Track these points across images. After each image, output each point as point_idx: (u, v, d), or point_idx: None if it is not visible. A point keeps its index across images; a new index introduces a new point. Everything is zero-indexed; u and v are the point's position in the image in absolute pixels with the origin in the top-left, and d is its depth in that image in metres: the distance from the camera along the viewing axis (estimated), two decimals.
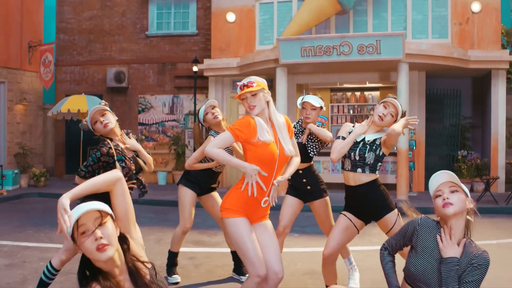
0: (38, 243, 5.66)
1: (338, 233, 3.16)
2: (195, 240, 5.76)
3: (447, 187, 2.14)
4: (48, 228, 6.63)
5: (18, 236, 6.06)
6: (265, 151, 2.56)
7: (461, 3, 10.06)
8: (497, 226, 6.70)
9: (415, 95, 10.17)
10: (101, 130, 3.25)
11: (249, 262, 2.57)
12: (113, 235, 1.80)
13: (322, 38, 8.81)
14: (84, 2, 13.47)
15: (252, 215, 2.65)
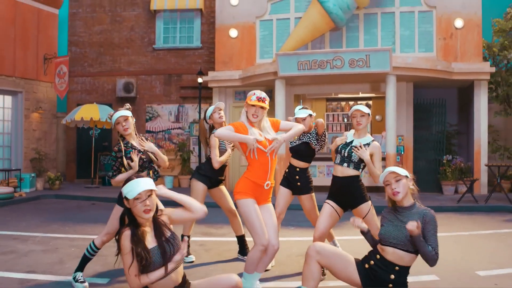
0: (65, 234, 6.40)
1: (324, 219, 3.94)
2: (204, 232, 6.54)
3: (393, 177, 2.93)
4: (71, 223, 7.38)
5: (46, 229, 6.82)
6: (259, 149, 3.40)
7: (445, 19, 10.91)
8: (474, 221, 7.47)
9: (403, 104, 10.97)
10: (121, 131, 4.03)
11: (255, 234, 3.37)
12: (154, 205, 2.65)
13: (316, 53, 9.65)
14: (95, 17, 14.31)
15: (258, 197, 3.47)
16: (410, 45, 10.97)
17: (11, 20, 11.87)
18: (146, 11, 13.95)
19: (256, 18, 11.58)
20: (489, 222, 7.43)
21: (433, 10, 10.95)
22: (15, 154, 12.07)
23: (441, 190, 10.84)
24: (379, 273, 2.87)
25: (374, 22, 11.09)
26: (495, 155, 11.60)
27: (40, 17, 12.77)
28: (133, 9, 14.13)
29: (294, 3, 11.39)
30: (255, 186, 3.43)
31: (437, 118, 11.62)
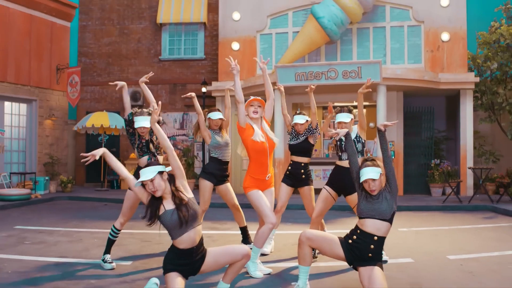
0: (86, 229, 7.11)
1: (320, 202, 4.71)
2: (211, 227, 7.26)
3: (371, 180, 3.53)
4: (89, 219, 8.09)
5: (67, 225, 7.53)
6: (260, 146, 4.22)
7: (433, 33, 11.70)
8: (455, 218, 8.19)
9: (394, 112, 11.72)
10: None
11: (265, 215, 4.15)
12: (160, 185, 3.29)
13: (312, 65, 10.43)
14: (104, 29, 15.12)
15: (261, 187, 4.26)
16: (400, 57, 11.74)
17: (27, 33, 12.63)
18: (152, 24, 14.75)
19: (257, 32, 12.41)
20: (469, 219, 8.15)
21: (421, 24, 11.73)
22: (29, 158, 12.78)
23: (430, 192, 11.55)
24: (360, 244, 3.44)
25: (366, 36, 11.88)
26: (481, 159, 12.31)
27: (53, 30, 13.52)
28: (140, 22, 14.93)
29: (292, 18, 12.23)
30: (258, 181, 4.22)
31: (426, 125, 12.35)
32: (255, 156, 4.28)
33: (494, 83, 11.84)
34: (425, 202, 10.09)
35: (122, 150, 14.79)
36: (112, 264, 4.67)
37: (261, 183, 4.30)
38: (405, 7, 11.80)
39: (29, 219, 8.15)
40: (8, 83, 12.09)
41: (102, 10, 15.15)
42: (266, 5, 12.35)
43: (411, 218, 8.32)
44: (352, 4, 10.97)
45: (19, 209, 9.67)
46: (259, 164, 4.21)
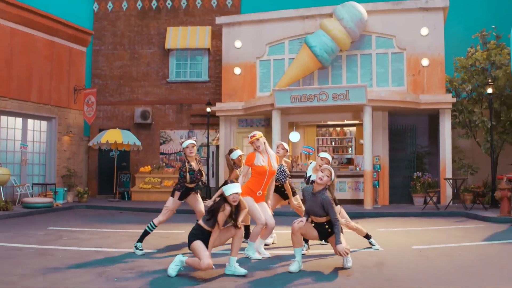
0: (110, 229, 8.28)
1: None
2: None
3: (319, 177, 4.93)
4: (110, 223, 9.27)
5: (93, 226, 8.69)
6: (260, 169, 5.50)
7: (414, 59, 13.00)
8: (429, 222, 9.35)
9: (380, 130, 12.99)
10: (187, 153, 5.99)
11: (256, 217, 5.40)
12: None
13: (306, 89, 11.76)
14: (116, 53, 16.44)
15: (254, 199, 5.56)
16: (385, 81, 13.07)
17: (48, 57, 13.95)
18: (161, 49, 16.10)
19: (256, 58, 13.81)
20: (442, 222, 9.33)
21: (403, 51, 13.06)
22: (49, 171, 13.98)
23: (413, 202, 12.74)
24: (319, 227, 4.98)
25: (354, 62, 13.25)
26: (460, 172, 13.51)
27: (71, 54, 14.82)
28: (149, 48, 16.29)
29: (288, 47, 13.63)
30: (251, 191, 5.58)
31: (410, 141, 13.61)
32: (256, 175, 5.56)
33: (470, 103, 13.12)
34: (407, 209, 11.27)
35: (132, 164, 16.00)
36: (143, 251, 5.88)
37: (254, 196, 5.58)
38: (389, 36, 13.13)
39: (58, 222, 9.32)
40: (31, 103, 13.35)
41: (114, 36, 16.48)
42: (265, 35, 13.74)
43: (391, 222, 9.50)
44: (341, 34, 12.35)
45: (45, 215, 10.84)
46: (257, 181, 5.55)
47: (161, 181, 14.93)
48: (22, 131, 13.28)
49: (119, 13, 16.53)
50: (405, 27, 12.94)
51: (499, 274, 4.68)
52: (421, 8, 12.87)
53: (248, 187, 5.54)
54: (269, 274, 4.77)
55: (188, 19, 16.17)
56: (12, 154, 12.95)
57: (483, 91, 12.61)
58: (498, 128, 12.73)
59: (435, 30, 12.91)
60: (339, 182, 12.77)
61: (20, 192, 12.23)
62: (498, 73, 12.36)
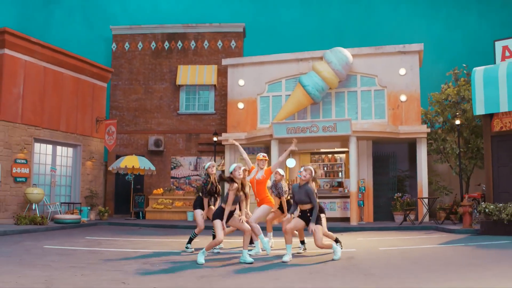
0: (138, 239, 9.94)
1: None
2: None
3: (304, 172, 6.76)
4: (134, 235, 10.95)
5: (122, 237, 10.35)
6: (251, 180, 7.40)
7: (393, 95, 14.88)
8: (403, 234, 11.00)
9: (365, 156, 14.81)
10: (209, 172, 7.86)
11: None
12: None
13: (299, 122, 13.62)
14: (132, 88, 18.26)
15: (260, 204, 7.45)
16: (369, 114, 14.94)
17: (75, 92, 15.87)
18: (172, 85, 17.94)
19: (257, 95, 15.72)
20: (414, 234, 10.99)
21: (384, 89, 14.96)
22: (74, 192, 15.73)
23: (393, 219, 14.47)
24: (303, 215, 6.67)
25: (342, 98, 15.16)
26: (436, 192, 15.26)
27: (94, 89, 16.67)
28: (162, 83, 18.16)
29: (285, 85, 15.56)
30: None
31: (392, 166, 15.40)
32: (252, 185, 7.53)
33: (444, 132, 14.93)
34: (387, 225, 12.97)
35: (146, 187, 17.75)
36: (192, 249, 7.66)
37: (257, 203, 7.58)
38: (372, 76, 15.05)
39: (91, 234, 10.97)
40: (60, 132, 15.20)
41: (130, 73, 18.35)
42: (265, 74, 15.68)
43: (370, 234, 11.22)
44: (330, 75, 14.32)
45: (75, 229, 12.53)
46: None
47: (172, 202, 16.60)
48: (52, 157, 15.03)
49: (135, 52, 18.46)
50: (386, 68, 14.83)
51: (438, 263, 6.48)
52: (399, 51, 14.82)
53: None
54: (268, 263, 6.57)
55: (196, 59, 18.08)
56: (44, 177, 14.71)
57: (454, 122, 14.38)
58: (468, 154, 14.53)
59: (412, 70, 14.81)
60: (330, 202, 14.51)
61: (51, 210, 13.91)
62: (466, 106, 14.20)
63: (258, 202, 7.61)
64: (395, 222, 14.25)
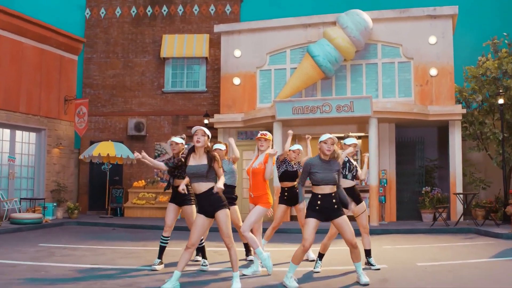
0: (105, 246, 8.58)
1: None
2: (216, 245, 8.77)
3: (329, 142, 5.18)
4: (104, 240, 9.58)
5: (86, 243, 8.98)
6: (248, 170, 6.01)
7: (421, 68, 13.37)
8: (437, 239, 9.67)
9: (386, 142, 13.37)
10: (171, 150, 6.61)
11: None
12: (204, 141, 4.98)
13: (308, 100, 12.20)
14: (108, 62, 16.87)
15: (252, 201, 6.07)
16: (391, 92, 13.47)
17: (38, 66, 14.40)
18: (156, 58, 16.57)
19: (257, 68, 14.31)
20: (450, 239, 9.66)
21: (410, 61, 13.47)
22: (37, 185, 14.32)
23: (421, 218, 13.08)
24: (326, 203, 5.03)
25: (359, 72, 13.71)
26: (471, 186, 13.84)
27: (62, 63, 15.26)
28: (144, 56, 16.74)
29: (290, 56, 14.13)
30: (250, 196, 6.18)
31: (418, 154, 14.01)
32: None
33: (481, 114, 13.50)
34: (414, 226, 11.61)
35: (125, 179, 16.36)
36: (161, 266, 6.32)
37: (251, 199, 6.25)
38: (395, 45, 13.57)
39: (48, 239, 9.61)
40: (20, 113, 13.75)
41: (107, 44, 16.94)
42: (266, 43, 14.25)
43: (397, 239, 9.84)
44: (345, 43, 12.82)
45: (34, 231, 11.15)
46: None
47: (155, 196, 15.27)
48: (9, 143, 13.63)
49: (112, 20, 17.01)
50: (412, 35, 13.40)
51: None
52: (428, 15, 13.33)
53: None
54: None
55: (185, 27, 16.67)
56: (0, 167, 13.28)
57: (495, 102, 12.95)
58: (511, 140, 13.09)
59: (444, 38, 13.35)
60: None
61: (8, 208, 12.52)
62: (510, 82, 12.78)
63: (252, 199, 6.23)
64: (422, 221, 12.93)
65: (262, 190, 6.13)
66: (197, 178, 4.89)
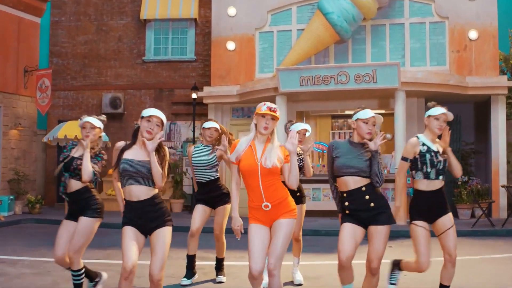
0: None
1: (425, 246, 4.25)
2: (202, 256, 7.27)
3: (371, 122, 4.01)
4: None
5: (34, 253, 7.62)
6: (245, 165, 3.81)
7: (459, 30, 12.07)
8: (487, 246, 8.28)
9: (414, 121, 12.05)
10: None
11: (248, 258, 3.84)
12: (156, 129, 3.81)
13: (320, 68, 10.94)
14: (79, 26, 15.67)
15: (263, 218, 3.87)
16: (421, 59, 12.20)
17: None
18: (135, 20, 15.34)
19: (255, 29, 12.97)
20: (502, 246, 8.25)
21: (445, 21, 12.18)
22: None
23: (456, 214, 11.69)
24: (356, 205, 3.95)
25: (382, 34, 12.40)
26: None
27: (21, 26, 13.96)
28: (121, 18, 15.52)
29: (296, 14, 12.84)
30: (255, 209, 3.87)
31: (452, 136, 12.22)
32: (244, 179, 3.92)
33: None
34: None
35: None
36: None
37: (260, 213, 3.85)
38: (426, 2, 12.29)
39: None
40: None
41: (77, 4, 15.79)
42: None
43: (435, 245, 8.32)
44: None
45: None
46: (250, 188, 3.86)
47: None
48: None
49: None
50: None
51: None
52: None
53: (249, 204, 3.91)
54: None
55: None
56: None
57: None
58: None
59: None
60: None
61: None
62: None
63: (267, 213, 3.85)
64: (458, 219, 11.55)
65: (281, 193, 3.89)
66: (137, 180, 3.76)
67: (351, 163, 3.99)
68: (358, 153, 4.03)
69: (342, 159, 4.02)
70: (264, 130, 3.85)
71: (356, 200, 3.97)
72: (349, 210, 4.01)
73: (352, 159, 4.01)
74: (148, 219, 3.75)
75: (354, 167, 3.97)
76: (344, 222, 4.02)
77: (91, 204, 4.51)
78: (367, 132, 4.04)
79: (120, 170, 3.77)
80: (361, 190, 3.95)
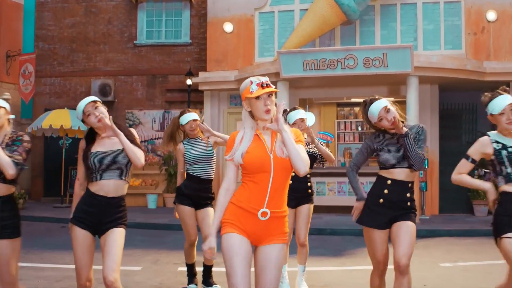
0: (30, 263, 6.72)
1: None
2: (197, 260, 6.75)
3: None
4: (38, 249, 7.74)
5: None
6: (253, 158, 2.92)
7: (476, 11, 11.60)
8: None
9: (427, 110, 11.67)
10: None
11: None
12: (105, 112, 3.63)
13: (325, 51, 10.61)
14: (66, 8, 15.39)
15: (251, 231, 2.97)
16: (435, 42, 11.79)
17: None
18: (126, 1, 15.13)
19: (255, 10, 12.60)
20: None
21: (461, 0, 11.72)
22: None
23: (473, 211, 11.50)
24: (395, 196, 3.68)
25: (393, 15, 11.98)
26: None
27: (2, 8, 13.82)
28: None
29: None
30: (245, 214, 2.98)
31: (467, 126, 12.40)
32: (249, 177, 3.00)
33: None
34: (469, 224, 9.95)
35: None
36: None
37: (249, 222, 2.97)
38: None
39: None
40: None
41: None
42: None
43: (454, 247, 8.09)
44: None
45: None
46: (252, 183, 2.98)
47: None
48: None
49: None
50: None
51: None
52: None
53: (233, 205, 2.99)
54: None
55: None
56: None
57: None
58: None
59: None
60: (370, 182, 11.39)
61: None
62: None
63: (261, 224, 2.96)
64: (475, 216, 11.25)
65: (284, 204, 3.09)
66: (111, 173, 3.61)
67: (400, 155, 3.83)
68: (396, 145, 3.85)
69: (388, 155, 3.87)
70: (266, 115, 2.91)
71: (398, 192, 3.74)
72: (384, 200, 3.73)
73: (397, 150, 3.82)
74: (107, 218, 3.59)
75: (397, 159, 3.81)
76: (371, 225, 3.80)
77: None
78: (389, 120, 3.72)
79: (91, 166, 3.55)
80: (407, 185, 3.79)
